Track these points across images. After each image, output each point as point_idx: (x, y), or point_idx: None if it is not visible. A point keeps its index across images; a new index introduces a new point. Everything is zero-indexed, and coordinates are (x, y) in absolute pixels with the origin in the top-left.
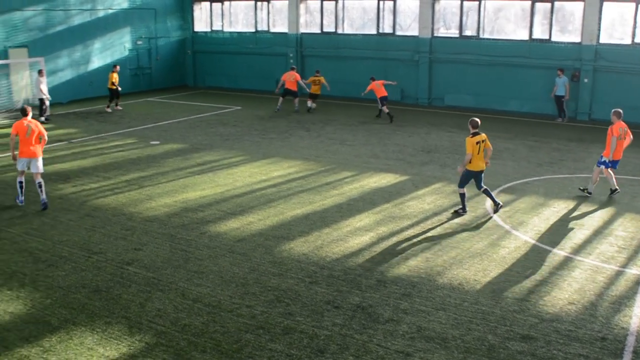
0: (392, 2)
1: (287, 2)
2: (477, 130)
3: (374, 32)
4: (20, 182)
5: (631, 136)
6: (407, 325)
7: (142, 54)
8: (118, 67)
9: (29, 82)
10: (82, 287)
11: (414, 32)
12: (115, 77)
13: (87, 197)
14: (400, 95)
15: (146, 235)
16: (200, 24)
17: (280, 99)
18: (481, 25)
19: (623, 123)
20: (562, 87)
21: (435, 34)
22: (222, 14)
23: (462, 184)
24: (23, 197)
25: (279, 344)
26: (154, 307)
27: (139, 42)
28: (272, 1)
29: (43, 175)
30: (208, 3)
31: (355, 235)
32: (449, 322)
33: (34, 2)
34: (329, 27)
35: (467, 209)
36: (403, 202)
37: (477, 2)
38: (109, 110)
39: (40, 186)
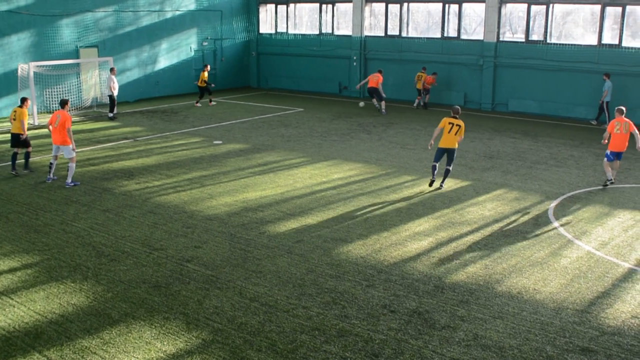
0: (457, 6)
1: (351, 4)
2: (456, 116)
3: (438, 35)
4: (51, 164)
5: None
6: (463, 333)
7: (208, 55)
8: (209, 67)
9: (98, 81)
10: (143, 282)
11: (479, 36)
12: (205, 75)
13: (150, 194)
14: (463, 100)
15: (206, 234)
16: (265, 26)
17: (373, 100)
18: (548, 29)
19: (624, 119)
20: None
21: (500, 38)
22: (287, 16)
23: (435, 159)
24: (51, 176)
25: (333, 346)
26: (212, 304)
27: (205, 43)
28: (337, 4)
29: (108, 170)
30: (273, 5)
31: (414, 240)
32: (507, 331)
33: (105, 3)
34: (393, 31)
35: (434, 179)
36: (463, 207)
37: (545, 6)
38: (199, 105)
39: (50, 167)
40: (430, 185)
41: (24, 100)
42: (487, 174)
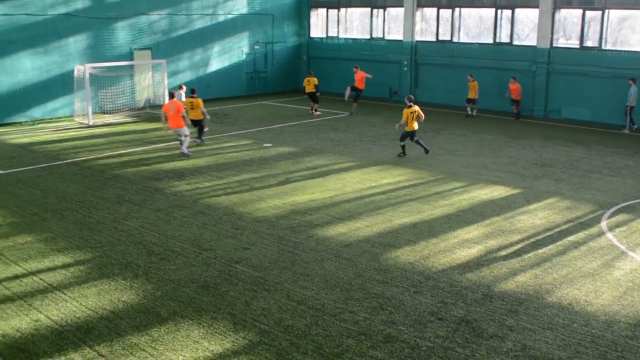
0: (510, 11)
1: (403, 9)
2: (411, 104)
3: (490, 41)
4: (180, 141)
5: None
6: (511, 343)
7: (259, 58)
8: (311, 72)
9: (151, 82)
10: (192, 281)
11: (532, 41)
12: (316, 80)
13: (200, 195)
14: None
15: (255, 235)
16: (316, 30)
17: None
18: (603, 35)
19: None
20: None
21: (554, 44)
22: (338, 21)
23: (402, 139)
24: (184, 148)
25: (379, 351)
26: (259, 306)
27: (256, 47)
28: (388, 8)
29: (160, 171)
30: (324, 9)
31: (463, 247)
32: (556, 343)
33: (159, 6)
34: (444, 36)
35: (405, 153)
36: (513, 215)
37: (600, 12)
38: (318, 113)
39: (181, 143)
40: (403, 155)
41: (193, 90)
42: (539, 182)
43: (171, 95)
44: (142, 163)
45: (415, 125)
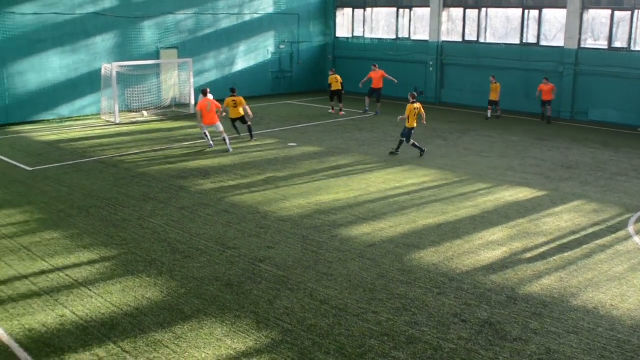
0: (537, 12)
1: (429, 9)
2: (414, 101)
3: (517, 41)
4: (205, 133)
5: None
6: (535, 346)
7: (284, 58)
8: (334, 70)
9: (177, 81)
10: (215, 279)
11: (560, 42)
12: (339, 77)
13: (225, 193)
14: (540, 107)
15: (279, 235)
16: (342, 30)
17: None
18: (633, 36)
19: None
20: None
21: (582, 45)
22: (364, 20)
23: (403, 136)
24: (212, 142)
25: (402, 352)
26: (282, 305)
27: (282, 46)
28: (414, 8)
29: (185, 169)
30: (350, 9)
31: (488, 249)
32: (581, 347)
33: (185, 6)
34: (470, 36)
35: (399, 151)
36: (539, 218)
37: (629, 12)
38: (341, 112)
39: (224, 140)
40: (397, 153)
41: (233, 89)
42: (565, 184)
43: (204, 93)
44: (168, 161)
45: (415, 123)
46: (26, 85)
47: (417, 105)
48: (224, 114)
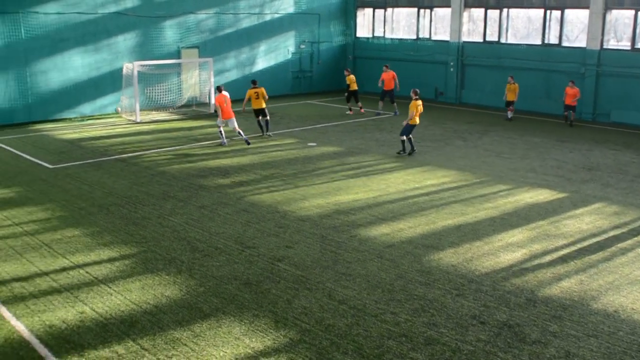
0: (559, 12)
1: (450, 9)
2: (418, 97)
3: (538, 42)
4: (220, 131)
5: None
6: (554, 349)
7: (305, 58)
8: (349, 69)
9: (198, 81)
10: (234, 278)
11: (582, 43)
12: (353, 78)
13: (244, 193)
14: (562, 109)
15: (298, 234)
16: (363, 30)
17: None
18: None
19: None
20: None
21: (604, 46)
22: (385, 21)
23: (404, 134)
24: (225, 141)
25: (420, 353)
26: (301, 304)
27: (302, 46)
28: (435, 8)
29: (205, 168)
30: (371, 9)
31: (507, 251)
32: (601, 351)
33: (206, 5)
34: (491, 36)
35: (406, 151)
36: (559, 220)
37: None
38: (362, 111)
39: (239, 134)
40: (404, 153)
41: (255, 81)
42: (586, 186)
43: (219, 89)
44: (188, 160)
45: (418, 120)
46: (49, 83)
47: (420, 102)
48: (242, 111)
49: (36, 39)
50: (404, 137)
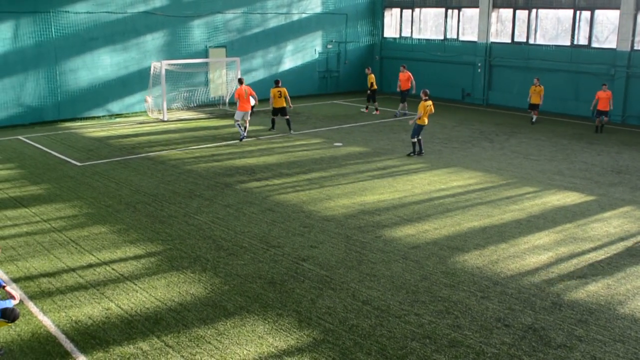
0: (589, 13)
1: (478, 10)
2: (427, 98)
3: (567, 43)
4: (238, 124)
5: None
6: (580, 354)
7: (331, 58)
8: (370, 68)
9: (225, 80)
10: (259, 277)
11: (612, 44)
12: (373, 77)
13: (270, 192)
14: (591, 111)
15: (323, 234)
16: (390, 30)
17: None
18: None
19: None
20: None
21: (635, 47)
22: (412, 21)
23: (414, 135)
24: (245, 134)
25: (444, 355)
26: (325, 304)
27: (329, 46)
28: (463, 9)
29: (231, 167)
30: (398, 10)
31: (533, 254)
32: (627, 356)
33: (234, 5)
34: (520, 37)
35: (416, 152)
36: (586, 223)
37: None
38: (376, 111)
39: (238, 126)
40: (414, 154)
41: (277, 81)
42: (614, 189)
43: (240, 82)
44: (214, 159)
45: (427, 121)
46: (78, 82)
47: (429, 102)
48: (254, 106)
49: (66, 37)
50: (415, 139)
